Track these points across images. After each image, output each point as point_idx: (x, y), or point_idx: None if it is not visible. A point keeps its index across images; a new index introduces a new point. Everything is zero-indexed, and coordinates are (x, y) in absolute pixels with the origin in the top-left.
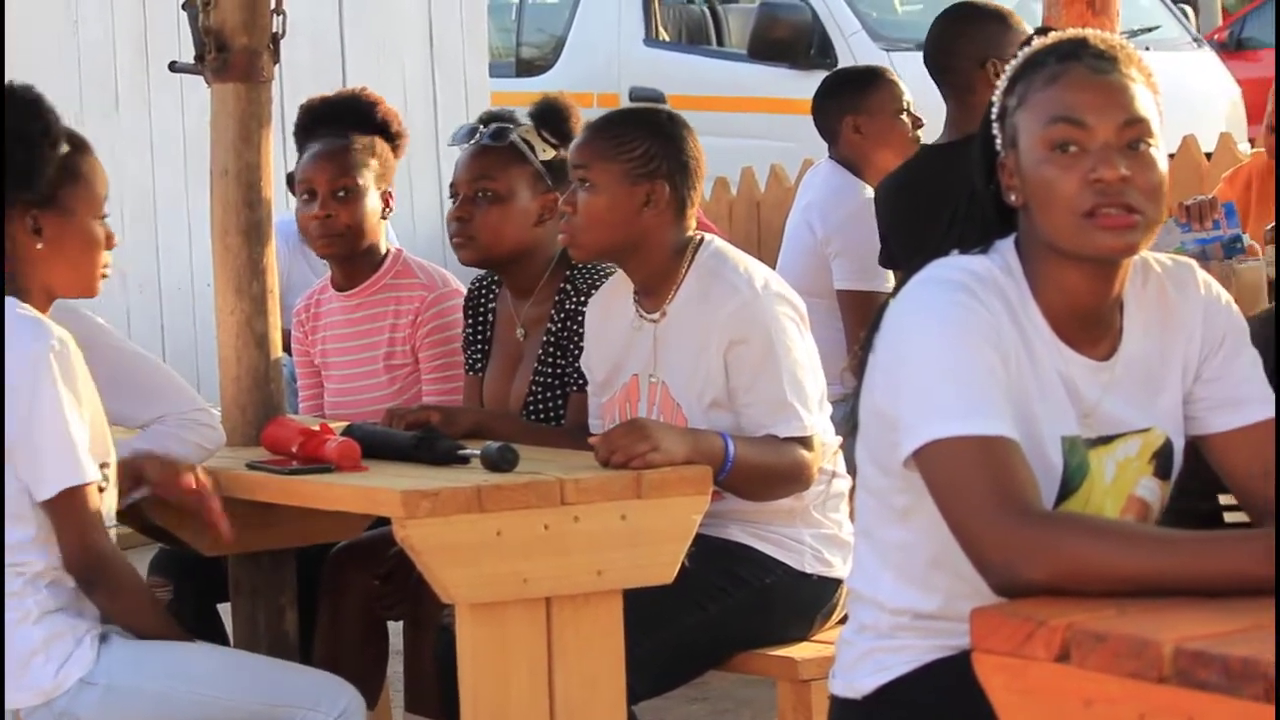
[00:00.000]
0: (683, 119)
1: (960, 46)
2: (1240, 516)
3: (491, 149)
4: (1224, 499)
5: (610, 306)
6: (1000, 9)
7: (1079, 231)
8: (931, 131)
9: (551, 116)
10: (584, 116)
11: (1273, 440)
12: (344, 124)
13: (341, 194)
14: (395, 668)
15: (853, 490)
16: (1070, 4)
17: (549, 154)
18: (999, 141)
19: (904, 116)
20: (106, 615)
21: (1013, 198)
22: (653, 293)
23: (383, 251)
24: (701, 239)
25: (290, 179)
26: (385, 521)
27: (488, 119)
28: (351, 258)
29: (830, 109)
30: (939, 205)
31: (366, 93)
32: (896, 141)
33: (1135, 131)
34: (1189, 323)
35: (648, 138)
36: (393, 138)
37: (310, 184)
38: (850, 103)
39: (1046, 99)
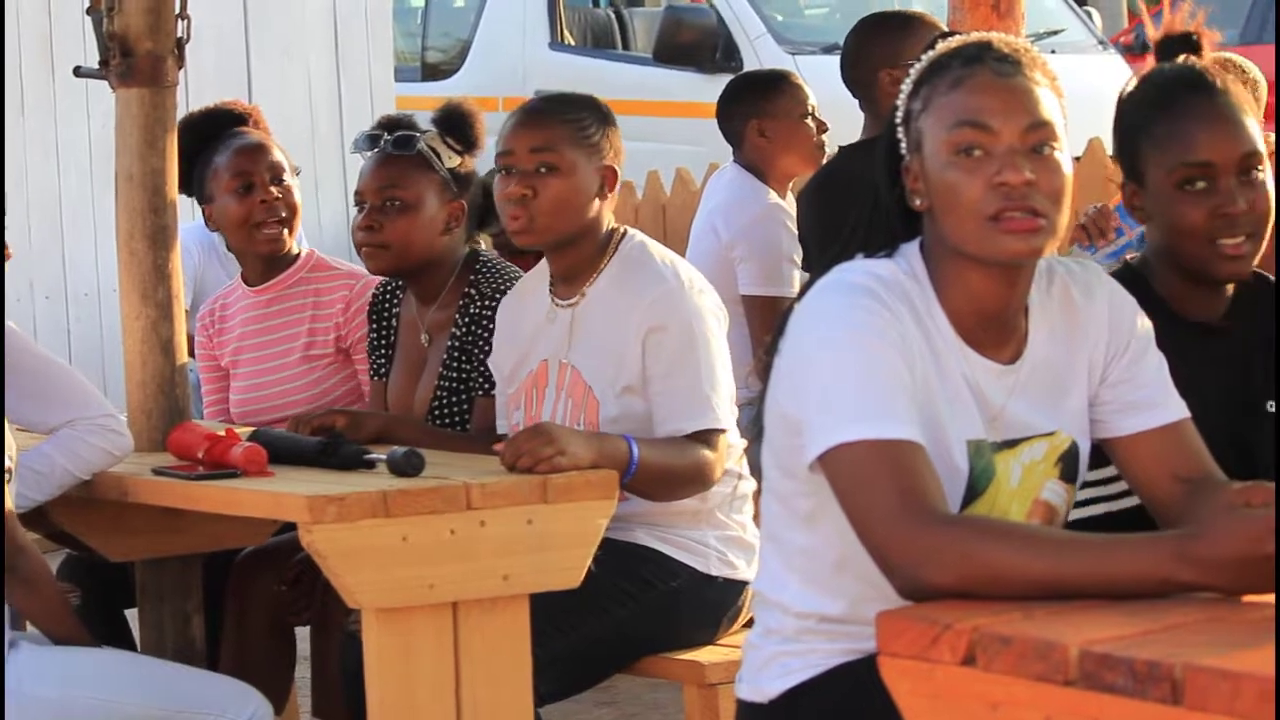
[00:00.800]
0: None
1: (861, 58)
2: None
3: (398, 157)
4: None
5: (523, 304)
6: (907, 18)
7: (984, 235)
8: (843, 133)
9: (456, 123)
10: (489, 121)
11: (1179, 443)
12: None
13: (278, 182)
14: (303, 673)
15: (758, 493)
16: (975, 7)
17: (454, 161)
18: (904, 145)
19: (809, 120)
20: (18, 611)
21: (917, 202)
22: (573, 280)
23: (295, 251)
24: (625, 230)
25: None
26: (291, 527)
27: (388, 125)
28: (279, 251)
29: (735, 113)
30: (854, 205)
31: (240, 104)
32: (801, 145)
33: (1040, 135)
34: (1094, 326)
35: (600, 122)
36: None
37: (247, 176)
38: (755, 106)
39: (951, 103)
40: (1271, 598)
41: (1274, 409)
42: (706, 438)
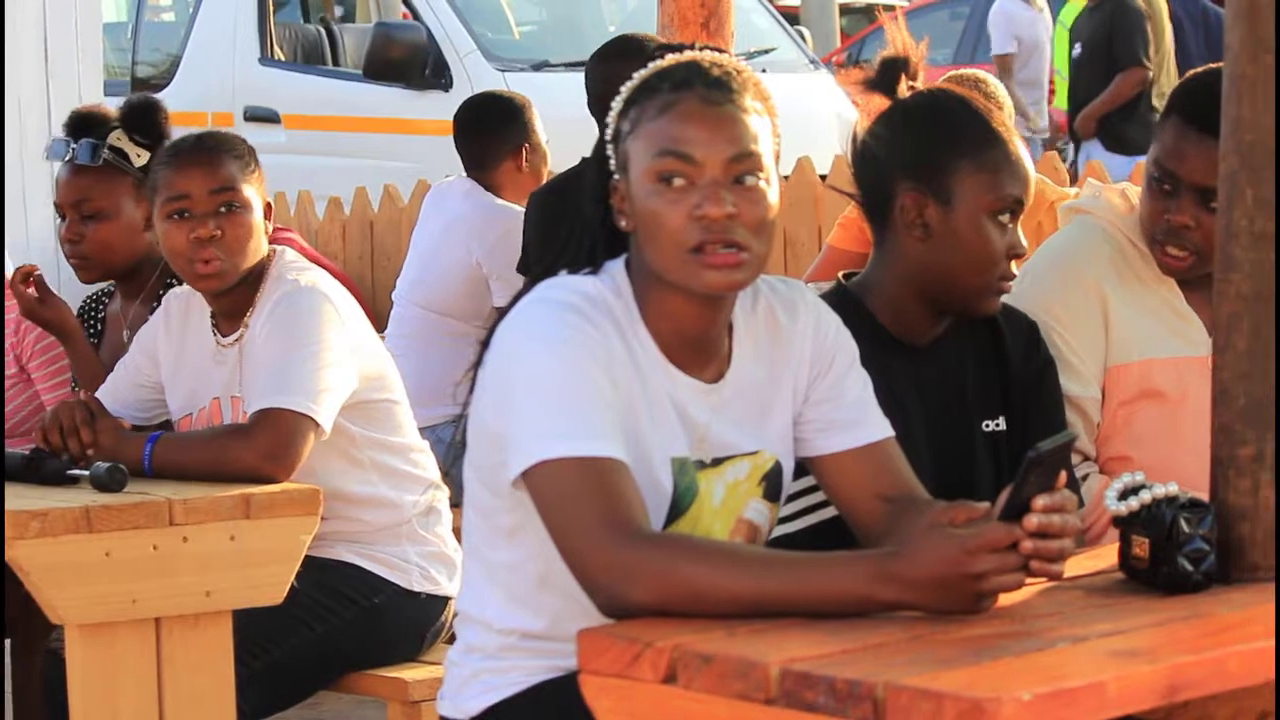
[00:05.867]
0: None
1: (614, 93)
2: None
3: (87, 168)
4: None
5: (185, 334)
6: (642, 43)
7: (685, 267)
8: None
9: (140, 118)
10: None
11: (882, 461)
12: None
13: None
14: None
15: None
16: (684, 26)
17: (143, 158)
18: (613, 163)
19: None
20: None
21: (623, 223)
22: (236, 315)
23: None
24: (273, 252)
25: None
26: None
27: (78, 125)
28: None
29: (507, 136)
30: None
31: None
32: (544, 170)
33: (744, 166)
34: (798, 345)
35: (253, 156)
36: None
37: None
38: (525, 134)
39: (657, 130)
40: (973, 618)
41: (989, 429)
42: (274, 416)
